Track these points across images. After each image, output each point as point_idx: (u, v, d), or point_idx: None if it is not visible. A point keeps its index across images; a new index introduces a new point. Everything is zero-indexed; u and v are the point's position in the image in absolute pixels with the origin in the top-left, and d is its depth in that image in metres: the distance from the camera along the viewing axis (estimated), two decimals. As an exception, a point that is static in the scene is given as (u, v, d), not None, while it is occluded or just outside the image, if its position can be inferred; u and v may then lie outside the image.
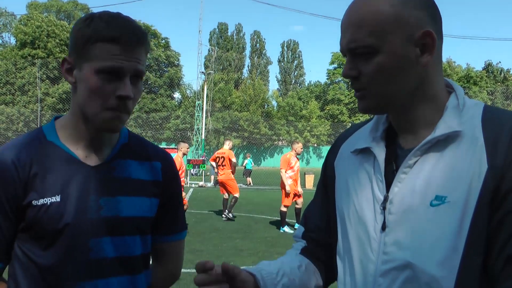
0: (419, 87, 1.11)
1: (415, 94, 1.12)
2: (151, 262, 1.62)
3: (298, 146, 10.97)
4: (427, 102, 1.13)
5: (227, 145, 12.94)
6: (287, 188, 10.62)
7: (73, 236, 1.35)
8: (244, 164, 30.52)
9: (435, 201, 1.04)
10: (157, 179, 1.55)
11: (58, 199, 1.35)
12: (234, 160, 12.64)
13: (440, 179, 1.05)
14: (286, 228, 10.71)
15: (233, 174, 12.56)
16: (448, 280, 1.01)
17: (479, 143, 1.04)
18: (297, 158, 10.97)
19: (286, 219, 10.92)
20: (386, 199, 1.12)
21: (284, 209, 10.82)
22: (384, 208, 1.12)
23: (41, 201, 1.34)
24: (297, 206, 10.88)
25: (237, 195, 12.45)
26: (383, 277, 1.10)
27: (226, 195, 12.58)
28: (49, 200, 1.34)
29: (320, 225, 1.38)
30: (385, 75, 1.08)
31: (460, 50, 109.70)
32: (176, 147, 12.06)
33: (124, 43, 1.32)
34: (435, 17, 1.11)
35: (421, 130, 1.14)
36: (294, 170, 10.83)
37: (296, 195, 10.86)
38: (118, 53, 1.32)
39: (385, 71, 1.08)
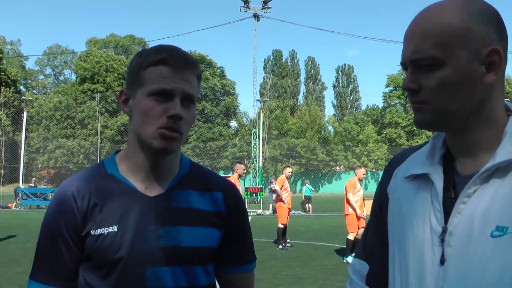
0: (481, 108, 1.05)
1: (476, 115, 1.06)
2: None
3: (361, 171, 10.61)
4: (488, 124, 1.06)
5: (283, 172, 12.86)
6: (358, 211, 10.20)
7: (130, 266, 1.36)
8: (303, 192, 30.10)
9: (496, 232, 0.97)
10: (220, 210, 1.53)
11: (116, 229, 1.37)
12: (276, 187, 12.59)
13: (501, 209, 0.98)
14: (350, 259, 10.19)
15: (281, 201, 12.39)
16: None
17: None
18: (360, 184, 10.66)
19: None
20: (444, 230, 1.05)
21: (351, 237, 10.27)
22: (442, 240, 1.05)
23: (99, 231, 1.37)
24: (357, 237, 10.26)
25: (280, 225, 12.25)
26: None
27: (280, 225, 12.34)
28: (107, 230, 1.37)
29: (386, 265, 1.26)
30: (448, 91, 1.03)
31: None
32: (234, 175, 12.03)
33: (173, 64, 1.37)
34: (503, 36, 1.05)
35: (480, 155, 1.07)
36: (360, 195, 10.49)
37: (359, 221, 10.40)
38: (167, 75, 1.36)
39: (448, 86, 1.03)
